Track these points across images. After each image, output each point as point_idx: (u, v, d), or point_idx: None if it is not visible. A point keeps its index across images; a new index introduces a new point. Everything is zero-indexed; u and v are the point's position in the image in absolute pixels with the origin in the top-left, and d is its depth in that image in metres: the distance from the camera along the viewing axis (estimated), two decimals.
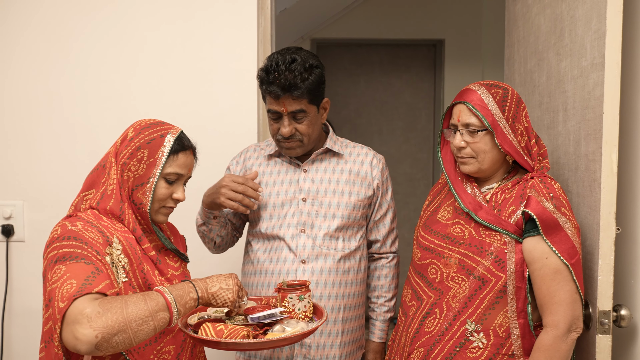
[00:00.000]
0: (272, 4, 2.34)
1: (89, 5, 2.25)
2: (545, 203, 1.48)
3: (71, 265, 1.20)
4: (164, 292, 1.24)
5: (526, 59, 2.12)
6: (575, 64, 1.67)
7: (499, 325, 1.51)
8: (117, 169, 1.38)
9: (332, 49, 4.89)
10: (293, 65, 1.69)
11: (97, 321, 1.11)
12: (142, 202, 1.38)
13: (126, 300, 1.18)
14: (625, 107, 1.58)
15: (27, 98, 2.27)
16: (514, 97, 1.56)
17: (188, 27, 2.26)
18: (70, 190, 2.25)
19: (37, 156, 2.28)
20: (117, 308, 1.15)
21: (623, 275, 1.65)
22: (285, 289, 1.54)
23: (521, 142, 1.56)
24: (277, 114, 1.74)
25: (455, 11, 4.85)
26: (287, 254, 1.80)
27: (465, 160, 1.60)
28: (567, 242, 1.47)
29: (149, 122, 1.43)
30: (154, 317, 1.19)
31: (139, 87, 2.27)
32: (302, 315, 1.52)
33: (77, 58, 2.26)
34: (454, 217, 1.63)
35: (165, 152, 1.38)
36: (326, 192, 1.82)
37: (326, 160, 1.87)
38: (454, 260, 1.57)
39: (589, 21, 1.57)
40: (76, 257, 1.22)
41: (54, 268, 1.21)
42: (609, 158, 1.48)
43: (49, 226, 2.25)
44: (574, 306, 1.47)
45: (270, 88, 1.70)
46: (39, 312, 2.26)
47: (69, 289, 1.15)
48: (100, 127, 2.27)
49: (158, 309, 1.20)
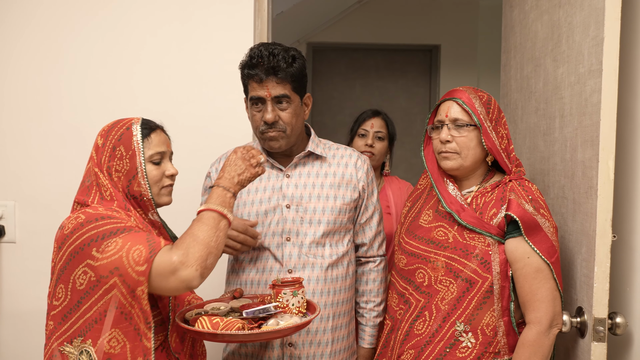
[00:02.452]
0: (269, 7, 2.33)
1: (85, 8, 2.24)
2: (525, 205, 1.55)
3: (126, 237, 1.29)
4: (210, 207, 1.37)
5: (523, 65, 2.12)
6: (572, 70, 1.67)
7: (487, 325, 1.57)
8: (105, 175, 1.42)
9: (328, 53, 4.90)
10: (276, 51, 1.68)
11: (188, 260, 1.26)
12: (142, 191, 1.43)
13: (192, 232, 1.31)
14: (621, 114, 1.58)
15: (19, 99, 2.25)
16: (496, 104, 1.66)
17: (184, 29, 2.25)
18: (62, 191, 2.24)
19: (29, 157, 2.26)
20: (192, 241, 1.29)
21: (619, 282, 1.65)
22: (279, 284, 1.57)
23: (502, 144, 1.63)
24: (260, 100, 1.69)
25: (451, 17, 4.87)
26: (272, 264, 1.75)
27: (448, 155, 1.65)
28: (547, 241, 1.54)
29: (110, 124, 1.49)
30: (218, 228, 1.35)
31: (134, 88, 2.26)
32: (295, 310, 1.54)
33: (71, 59, 2.25)
34: (435, 219, 1.68)
35: (139, 139, 1.43)
36: (310, 197, 1.76)
37: (309, 164, 1.81)
38: (441, 264, 1.62)
39: (587, 28, 1.57)
40: (124, 229, 1.31)
41: (102, 244, 1.28)
42: (606, 165, 1.48)
43: (40, 227, 2.26)
44: (554, 303, 1.54)
45: (254, 71, 1.68)
46: (30, 314, 2.26)
47: (139, 253, 1.26)
48: (92, 128, 2.21)
49: (217, 221, 1.35)
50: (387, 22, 4.91)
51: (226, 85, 2.25)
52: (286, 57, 1.68)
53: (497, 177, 1.68)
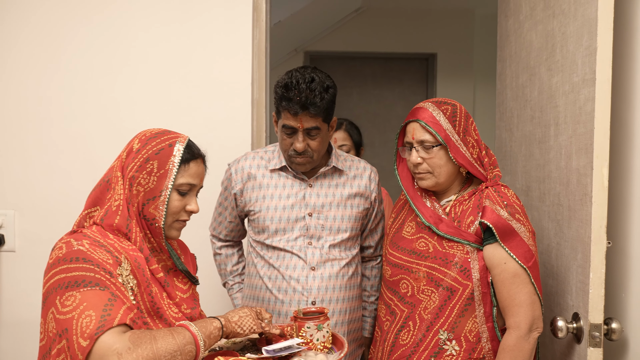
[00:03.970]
0: (267, 17, 2.36)
1: (82, 19, 2.25)
2: (500, 211, 1.57)
3: (86, 293, 1.16)
4: (189, 326, 1.24)
5: (518, 74, 2.15)
6: (566, 79, 1.69)
7: (469, 331, 1.59)
8: (124, 183, 1.31)
9: (325, 62, 4.92)
10: (313, 84, 1.74)
11: (128, 357, 1.11)
12: (155, 217, 1.31)
13: (154, 335, 1.17)
14: (615, 122, 1.60)
15: (19, 107, 2.26)
16: (462, 112, 1.66)
17: (183, 40, 2.27)
18: (62, 200, 2.25)
19: (28, 165, 2.27)
20: (147, 343, 1.14)
21: (614, 288, 1.66)
22: (302, 317, 1.47)
23: (473, 153, 1.65)
24: (292, 129, 1.78)
25: (448, 26, 4.90)
26: (297, 261, 1.86)
27: (422, 175, 1.68)
28: (523, 246, 1.56)
29: (155, 131, 1.37)
30: (182, 350, 1.19)
31: (132, 97, 2.27)
32: (320, 346, 1.45)
33: (70, 68, 2.26)
34: (418, 231, 1.70)
35: (176, 162, 1.31)
36: (331, 207, 1.89)
37: (329, 175, 1.93)
38: (422, 274, 1.64)
39: (580, 38, 1.59)
40: (89, 282, 1.17)
41: (64, 294, 1.16)
42: (600, 172, 1.50)
43: (40, 236, 2.27)
44: (533, 307, 1.55)
45: (290, 105, 1.74)
46: (30, 322, 2.25)
47: (88, 322, 1.12)
48: (92, 136, 2.27)
49: (185, 342, 1.20)
50: (383, 31, 4.94)
51: (224, 95, 2.27)
52: (322, 91, 1.75)
53: (474, 184, 1.71)
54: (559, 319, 1.59)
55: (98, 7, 2.25)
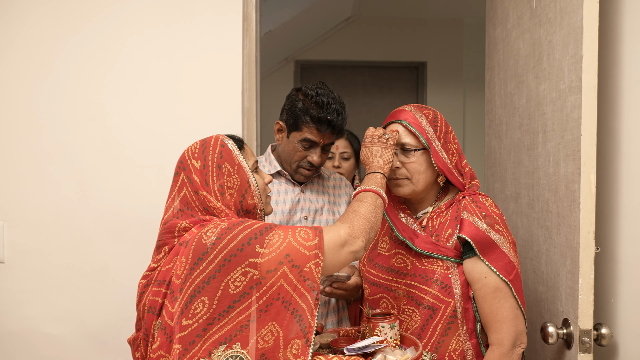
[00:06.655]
0: (257, 26, 2.36)
1: (72, 28, 2.25)
2: (479, 223, 1.52)
3: (281, 227, 1.33)
4: (365, 188, 1.47)
5: (506, 82, 2.17)
6: (553, 87, 1.71)
7: (454, 350, 1.54)
8: (216, 196, 1.39)
9: (315, 71, 4.94)
10: (343, 112, 1.87)
11: (355, 232, 1.35)
12: (255, 203, 1.44)
13: (353, 209, 1.41)
14: (602, 129, 1.62)
15: (7, 117, 2.25)
16: (442, 120, 1.64)
17: (173, 49, 2.27)
18: (51, 210, 2.24)
19: (17, 176, 2.25)
20: (355, 217, 1.39)
21: (604, 294, 1.67)
22: (376, 318, 1.53)
23: (452, 161, 1.60)
24: (312, 143, 1.85)
25: (437, 34, 4.94)
26: None
27: (399, 182, 1.61)
28: (504, 258, 1.51)
29: (197, 146, 1.46)
30: (376, 205, 1.44)
31: (120, 108, 2.26)
32: (393, 343, 1.52)
33: (60, 77, 2.25)
34: (393, 247, 1.66)
35: (237, 153, 1.44)
36: (322, 211, 1.99)
37: (315, 182, 2.04)
38: (402, 293, 1.59)
39: (566, 46, 1.61)
40: (274, 225, 1.33)
41: (264, 240, 1.28)
42: (588, 179, 1.51)
43: (29, 247, 2.25)
44: (516, 322, 1.51)
45: (319, 123, 1.83)
46: (19, 334, 2.24)
47: (305, 233, 1.32)
48: (81, 147, 2.25)
49: (374, 199, 1.45)
50: (374, 40, 4.97)
51: (214, 104, 2.27)
52: (345, 116, 1.89)
53: (451, 194, 1.65)
54: (549, 324, 1.60)
55: (87, 17, 2.25)
